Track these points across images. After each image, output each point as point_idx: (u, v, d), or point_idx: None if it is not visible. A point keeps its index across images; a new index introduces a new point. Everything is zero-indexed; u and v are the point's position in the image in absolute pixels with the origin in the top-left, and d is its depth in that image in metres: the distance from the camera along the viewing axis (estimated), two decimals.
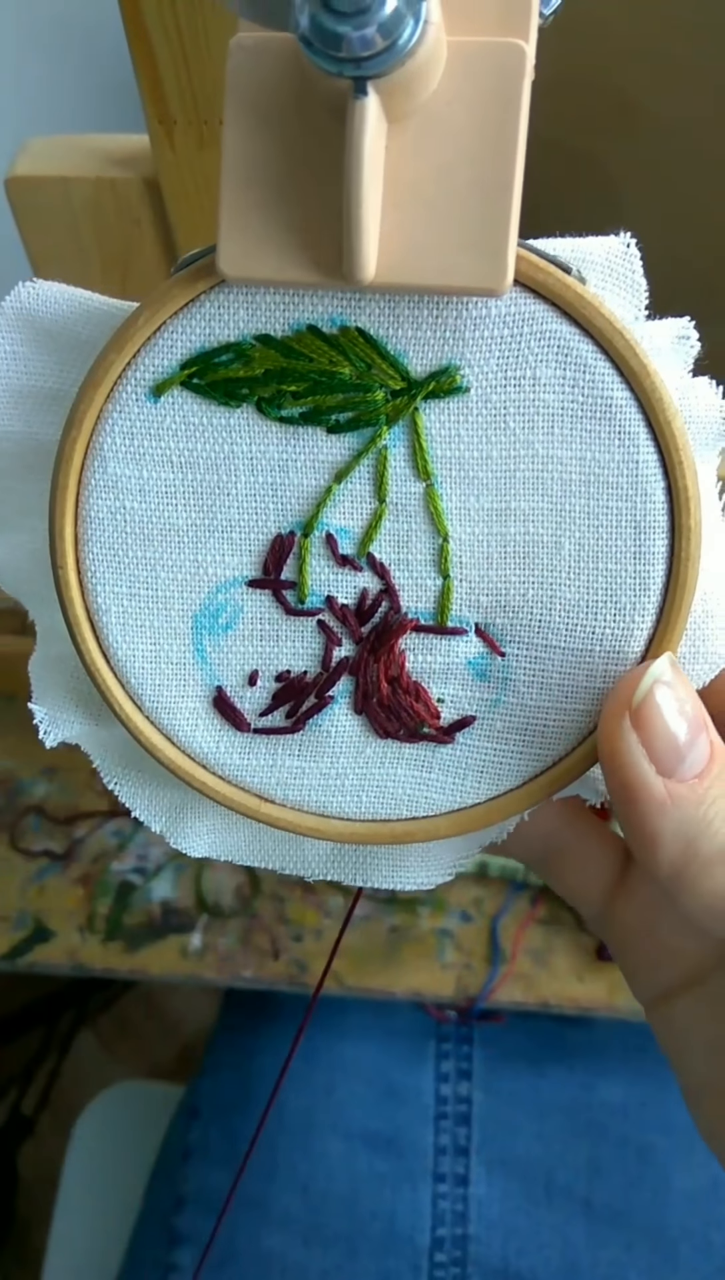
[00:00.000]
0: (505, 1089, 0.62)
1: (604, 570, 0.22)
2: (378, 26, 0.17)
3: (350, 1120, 0.61)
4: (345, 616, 0.23)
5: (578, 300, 0.21)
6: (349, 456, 0.22)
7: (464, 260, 0.20)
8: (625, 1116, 0.61)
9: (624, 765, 0.22)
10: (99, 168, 0.37)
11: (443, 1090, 0.62)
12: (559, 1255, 0.58)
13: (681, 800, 0.21)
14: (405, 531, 0.22)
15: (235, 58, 0.20)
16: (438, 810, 0.24)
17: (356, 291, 0.21)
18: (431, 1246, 0.58)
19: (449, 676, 0.23)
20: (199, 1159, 0.62)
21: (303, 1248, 0.58)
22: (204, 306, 0.21)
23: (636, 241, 0.22)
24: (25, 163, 0.37)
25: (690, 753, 0.21)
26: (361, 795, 0.24)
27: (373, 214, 0.19)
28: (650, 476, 0.22)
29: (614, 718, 0.22)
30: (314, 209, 0.20)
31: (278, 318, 0.21)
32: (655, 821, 0.21)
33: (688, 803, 0.21)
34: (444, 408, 0.22)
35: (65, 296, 0.23)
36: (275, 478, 0.22)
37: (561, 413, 0.21)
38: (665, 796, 0.21)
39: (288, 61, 0.19)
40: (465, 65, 0.19)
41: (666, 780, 0.21)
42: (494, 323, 0.21)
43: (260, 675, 0.24)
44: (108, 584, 0.23)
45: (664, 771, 0.21)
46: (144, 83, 0.33)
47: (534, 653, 0.23)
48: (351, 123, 0.18)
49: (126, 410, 0.22)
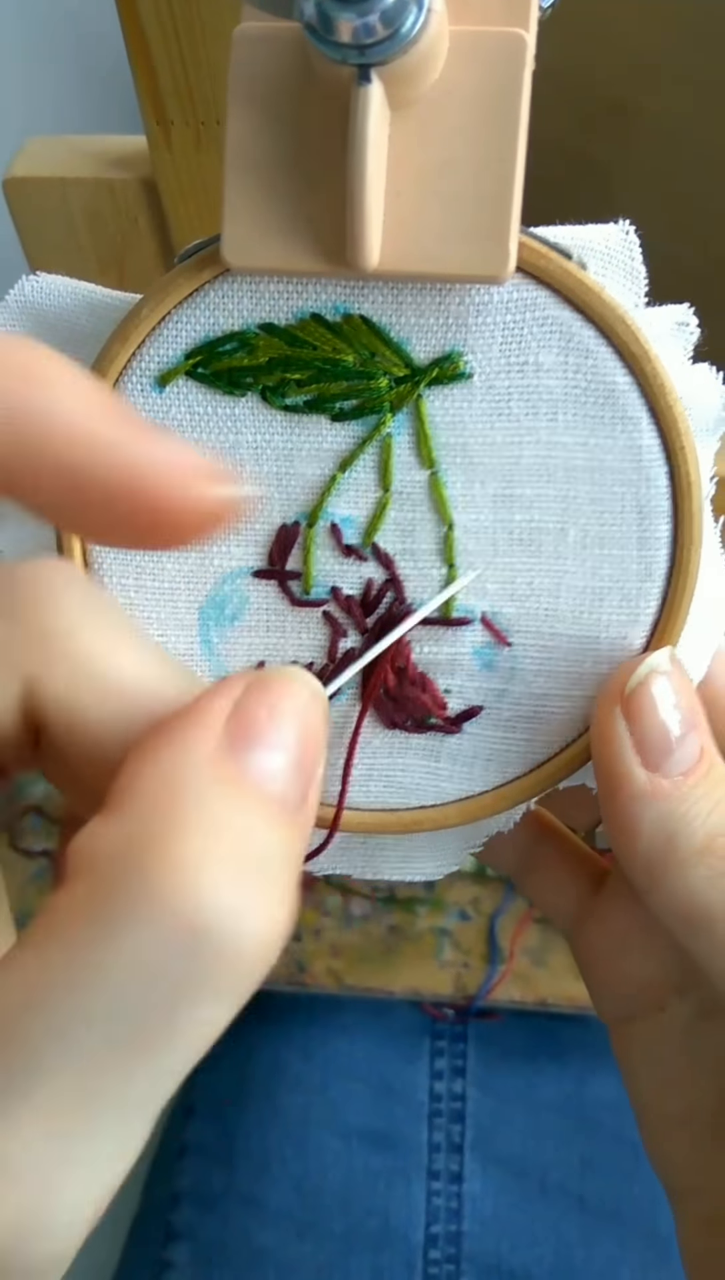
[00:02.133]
0: (499, 1086, 0.62)
1: (609, 556, 0.22)
2: (381, 14, 0.17)
3: (345, 1117, 0.61)
4: (350, 607, 0.23)
5: (579, 286, 0.21)
6: (353, 444, 0.22)
7: (466, 247, 0.20)
8: (618, 1113, 0.61)
9: (610, 754, 0.21)
10: (97, 169, 0.37)
11: (437, 1087, 0.62)
12: (553, 1252, 0.58)
13: (663, 795, 0.21)
14: (410, 520, 0.23)
15: (239, 47, 0.20)
16: (446, 799, 0.24)
17: (360, 279, 0.21)
18: (426, 1243, 0.58)
19: (455, 667, 0.23)
20: (195, 1156, 0.62)
21: (297, 1244, 0.58)
22: (208, 296, 0.21)
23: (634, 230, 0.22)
24: (23, 164, 0.37)
25: (679, 749, 0.21)
26: (369, 785, 0.24)
27: (376, 202, 0.19)
28: (653, 461, 0.22)
29: (606, 706, 0.22)
30: (317, 198, 0.20)
31: (282, 306, 0.21)
32: (634, 814, 0.21)
33: (670, 798, 0.21)
34: (448, 394, 0.22)
35: (68, 289, 0.23)
36: (280, 466, 0.22)
37: (564, 398, 0.22)
38: (647, 788, 0.21)
39: (292, 50, 0.20)
40: (467, 54, 0.19)
41: (650, 774, 0.21)
42: (497, 309, 0.21)
43: (267, 666, 0.24)
44: (115, 576, 0.23)
45: (650, 765, 0.21)
46: (141, 84, 0.33)
47: (541, 641, 0.23)
48: (355, 110, 0.18)
49: (132, 401, 0.22)
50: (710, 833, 0.21)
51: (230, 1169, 0.60)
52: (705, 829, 0.21)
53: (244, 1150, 0.61)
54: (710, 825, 0.21)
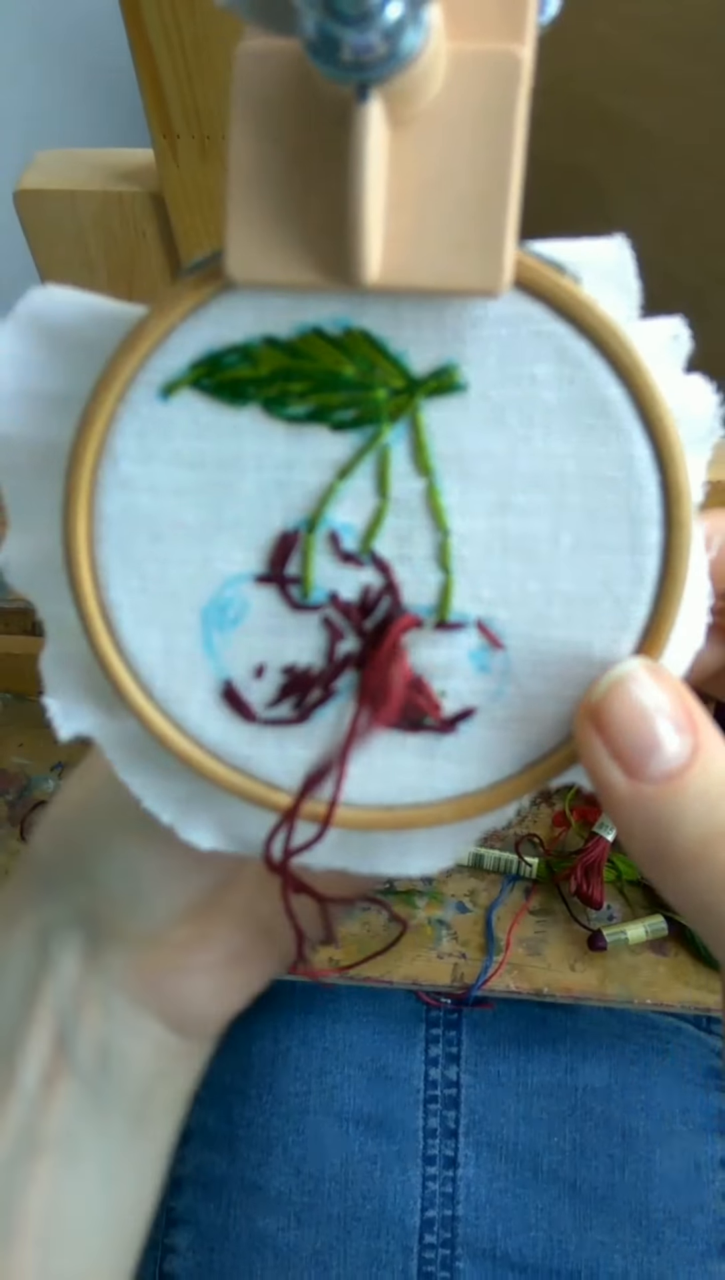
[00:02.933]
0: (492, 1072, 0.63)
1: (601, 563, 0.23)
2: (381, 33, 0.18)
3: (343, 1103, 0.62)
4: (348, 612, 0.24)
5: (573, 301, 0.21)
6: (352, 454, 0.23)
7: (463, 262, 0.20)
8: (608, 1099, 0.62)
9: (590, 765, 0.22)
10: (105, 181, 0.37)
11: (432, 1074, 0.63)
12: (546, 1236, 0.59)
13: (647, 800, 0.21)
14: (407, 527, 0.23)
15: (241, 64, 0.20)
16: (441, 796, 0.25)
17: (360, 294, 0.21)
18: (421, 1227, 0.59)
19: (451, 670, 0.24)
20: (197, 1141, 0.62)
21: (296, 1228, 0.59)
22: (212, 309, 0.22)
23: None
24: (34, 176, 0.37)
25: (660, 751, 0.21)
26: (366, 783, 0.25)
27: (375, 218, 0.20)
28: (645, 470, 0.22)
29: (579, 718, 0.22)
30: (318, 213, 0.20)
31: (284, 320, 0.22)
32: (623, 820, 0.21)
33: (654, 801, 0.21)
34: (444, 405, 0.22)
35: (76, 301, 0.23)
36: (281, 475, 0.23)
37: (559, 409, 0.22)
38: (628, 796, 0.21)
39: (293, 68, 0.20)
40: (465, 71, 0.20)
41: (632, 780, 0.21)
42: (492, 323, 0.22)
43: (267, 668, 0.24)
44: (120, 580, 0.24)
45: (630, 772, 0.21)
46: (148, 97, 0.34)
47: (534, 645, 0.24)
48: (354, 128, 0.19)
49: (137, 411, 0.22)
50: (704, 837, 0.21)
51: (232, 1154, 0.61)
52: (699, 831, 0.21)
53: (245, 1136, 0.61)
54: (706, 827, 0.21)
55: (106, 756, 0.26)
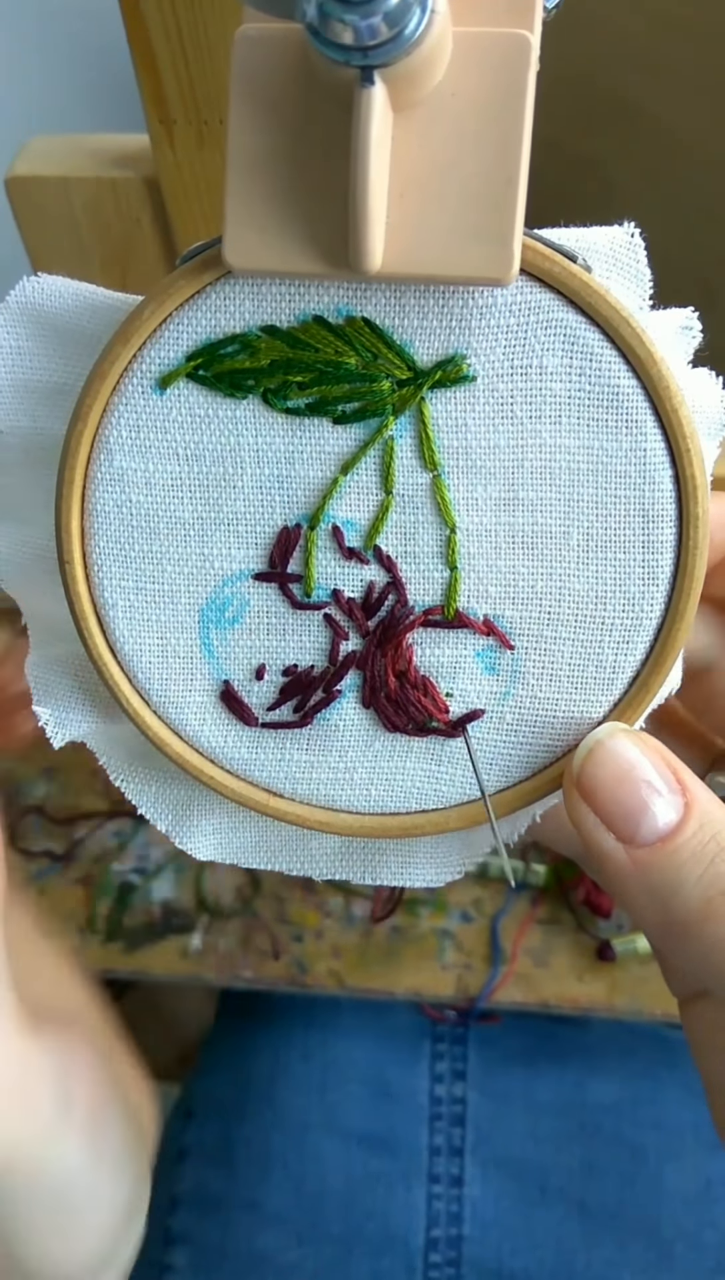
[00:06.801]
0: (499, 1089, 0.62)
1: (613, 560, 0.22)
2: (384, 16, 0.17)
3: (345, 1120, 0.61)
4: (352, 610, 0.23)
5: (584, 289, 0.21)
6: (355, 447, 0.22)
7: (470, 250, 0.20)
8: (618, 1116, 0.61)
9: (583, 834, 0.21)
10: (99, 168, 0.37)
11: (437, 1091, 0.62)
12: (553, 1255, 0.58)
13: (647, 866, 0.21)
14: (412, 523, 0.22)
15: (241, 48, 0.20)
16: (447, 803, 0.24)
17: (362, 282, 0.21)
18: (426, 1247, 0.58)
19: (458, 670, 0.23)
20: (194, 1159, 0.62)
21: (297, 1247, 0.58)
22: (210, 298, 0.21)
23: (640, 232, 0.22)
24: (26, 163, 0.37)
25: (649, 813, 0.21)
26: (370, 789, 0.24)
27: (379, 204, 0.19)
28: (658, 464, 0.22)
29: (566, 786, 0.22)
30: (320, 200, 0.20)
31: (283, 309, 0.21)
32: (624, 889, 0.21)
33: (653, 867, 0.21)
34: (451, 397, 0.22)
35: (70, 290, 0.23)
36: (281, 470, 0.22)
37: (569, 401, 0.21)
38: (627, 863, 0.21)
39: (294, 51, 0.19)
40: (471, 55, 0.19)
41: (627, 846, 0.21)
42: (500, 311, 0.21)
43: (267, 669, 0.24)
44: (114, 578, 0.23)
45: (623, 838, 0.21)
46: (144, 83, 0.33)
47: (543, 645, 0.23)
48: (358, 112, 0.18)
49: (132, 403, 0.22)
50: (706, 895, 0.21)
51: (230, 1173, 0.60)
52: (701, 890, 0.21)
53: (244, 1154, 0.61)
54: (706, 884, 0.21)
55: (101, 761, 0.26)
